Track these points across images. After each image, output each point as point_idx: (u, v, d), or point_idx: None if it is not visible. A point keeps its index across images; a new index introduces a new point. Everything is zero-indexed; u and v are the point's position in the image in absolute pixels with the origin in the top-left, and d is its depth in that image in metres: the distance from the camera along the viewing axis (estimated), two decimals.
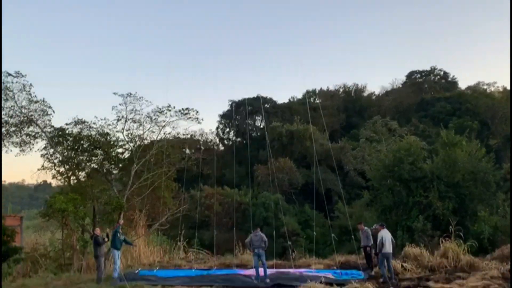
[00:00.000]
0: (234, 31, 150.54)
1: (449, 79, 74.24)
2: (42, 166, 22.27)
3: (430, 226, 27.23)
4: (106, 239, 14.51)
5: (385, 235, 12.90)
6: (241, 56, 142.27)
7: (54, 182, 23.88)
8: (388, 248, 12.50)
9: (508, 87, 65.00)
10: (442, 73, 74.74)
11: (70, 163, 22.29)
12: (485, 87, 67.96)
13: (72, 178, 22.60)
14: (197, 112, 23.97)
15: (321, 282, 10.72)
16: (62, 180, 22.38)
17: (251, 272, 14.09)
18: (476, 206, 28.33)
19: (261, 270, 13.26)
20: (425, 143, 38.98)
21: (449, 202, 28.13)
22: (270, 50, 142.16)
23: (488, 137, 54.17)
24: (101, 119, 23.23)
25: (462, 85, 72.23)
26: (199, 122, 24.12)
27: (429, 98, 64.67)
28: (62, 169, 22.40)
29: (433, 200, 28.33)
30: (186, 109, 23.88)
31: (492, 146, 49.63)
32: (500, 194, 31.41)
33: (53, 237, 23.69)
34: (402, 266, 13.24)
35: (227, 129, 57.95)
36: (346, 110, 63.33)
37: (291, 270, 14.76)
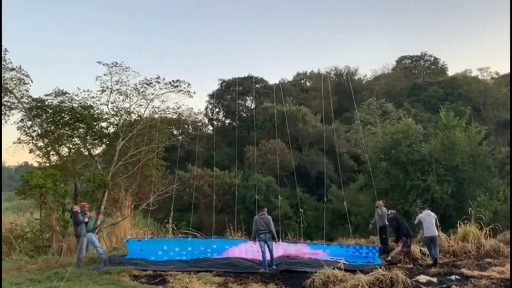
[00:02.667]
0: (225, 11, 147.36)
1: (439, 65, 73.79)
2: (19, 139, 20.43)
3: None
4: (86, 218, 12.78)
5: (425, 217, 12.06)
6: (232, 36, 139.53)
7: (34, 161, 22.06)
8: (431, 231, 11.61)
9: (501, 72, 64.71)
10: (432, 59, 74.19)
11: (49, 137, 20.49)
12: (477, 73, 67.58)
13: (51, 153, 20.80)
14: (189, 84, 22.40)
15: (340, 269, 9.41)
16: (41, 155, 20.55)
17: (255, 256, 12.65)
18: (475, 190, 27.62)
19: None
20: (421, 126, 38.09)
21: (447, 186, 27.36)
22: (261, 31, 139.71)
23: (479, 122, 53.84)
24: (84, 91, 21.55)
25: (451, 71, 71.72)
26: (190, 96, 22.54)
27: (421, 83, 63.93)
28: (40, 144, 20.61)
29: (432, 184, 27.53)
30: (177, 81, 22.28)
31: (484, 131, 49.22)
32: (499, 179, 30.79)
33: (31, 217, 21.99)
34: (421, 251, 12.03)
35: (217, 109, 56.22)
36: (338, 93, 62.08)
37: (300, 254, 13.34)
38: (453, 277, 9.36)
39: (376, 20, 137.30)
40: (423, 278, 9.29)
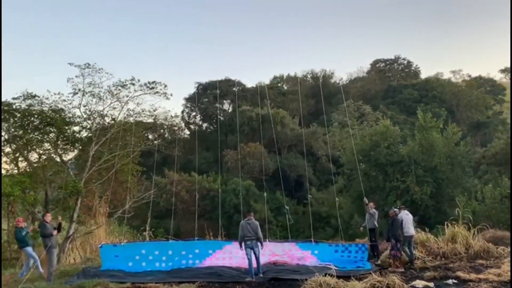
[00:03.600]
0: (202, 14, 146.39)
1: (412, 68, 75.17)
2: None
3: (408, 212, 26.41)
4: (55, 230, 11.78)
5: (405, 217, 12.46)
6: (209, 39, 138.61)
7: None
8: (411, 231, 12.10)
9: (473, 75, 66.33)
10: (406, 62, 75.57)
11: (17, 143, 19.33)
12: (449, 75, 69.15)
13: (20, 159, 19.63)
14: (165, 86, 21.53)
15: (332, 276, 8.89)
16: (8, 162, 19.36)
17: (240, 263, 11.97)
18: (453, 191, 27.82)
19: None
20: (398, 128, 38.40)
21: (427, 186, 27.45)
22: (238, 35, 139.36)
23: (454, 124, 54.96)
24: (55, 94, 20.39)
25: (424, 74, 73.22)
26: (167, 98, 21.68)
27: (396, 85, 64.92)
28: (8, 149, 19.43)
29: (411, 185, 27.55)
30: (153, 82, 21.39)
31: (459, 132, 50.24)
32: (475, 179, 31.19)
33: None
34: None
35: (193, 113, 55.27)
36: (314, 96, 62.28)
37: (288, 257, 12.79)
38: (450, 281, 9.03)
39: (350, 25, 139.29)
40: (419, 283, 8.92)
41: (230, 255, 12.93)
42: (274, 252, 13.29)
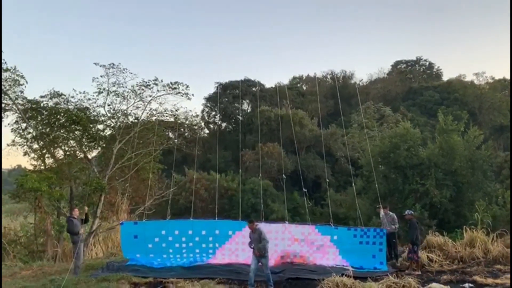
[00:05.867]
0: (221, 15, 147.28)
1: (434, 70, 74.04)
2: (13, 141, 19.94)
3: (427, 215, 26.25)
4: (82, 223, 12.21)
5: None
6: (228, 39, 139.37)
7: (28, 164, 21.56)
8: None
9: (496, 77, 64.97)
10: (427, 63, 74.45)
11: (44, 140, 20.02)
12: (472, 77, 67.82)
13: (47, 156, 20.32)
14: (187, 86, 21.93)
15: (348, 276, 9.08)
16: (36, 158, 20.07)
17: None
18: (473, 195, 27.48)
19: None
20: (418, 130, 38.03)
21: (446, 190, 27.20)
22: (257, 35, 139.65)
23: (475, 127, 53.98)
24: (80, 93, 21.04)
25: (446, 76, 72.02)
26: (189, 98, 22.07)
27: (417, 87, 64.08)
28: (35, 146, 20.14)
29: (430, 188, 27.33)
30: (175, 83, 21.81)
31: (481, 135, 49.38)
32: (497, 183, 30.69)
33: (25, 221, 21.48)
34: (427, 257, 11.77)
35: (213, 113, 55.80)
36: (334, 97, 62.08)
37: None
38: (466, 285, 9.11)
39: (371, 25, 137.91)
40: (435, 286, 9.01)
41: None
42: (294, 235, 13.32)
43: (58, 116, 20.19)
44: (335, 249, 13.15)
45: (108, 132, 21.84)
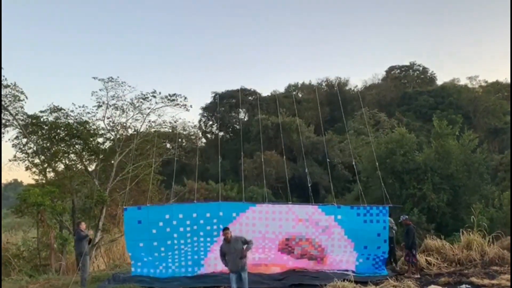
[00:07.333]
0: (217, 25, 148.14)
1: (428, 75, 74.83)
2: (14, 156, 20.17)
3: (425, 219, 26.51)
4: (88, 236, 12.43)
5: None
6: (223, 49, 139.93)
7: (26, 178, 21.82)
8: None
9: (490, 80, 65.76)
10: (421, 68, 75.24)
11: (45, 154, 20.27)
12: (466, 81, 68.58)
13: (48, 170, 20.55)
14: (185, 98, 22.28)
15: (350, 281, 9.37)
16: (37, 172, 20.29)
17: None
18: (470, 198, 27.82)
19: None
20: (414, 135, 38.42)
21: (443, 194, 27.50)
22: (252, 44, 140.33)
23: (470, 130, 54.57)
24: (80, 106, 21.34)
25: (440, 81, 72.82)
26: (187, 109, 22.42)
27: (412, 92, 64.71)
28: (36, 161, 20.36)
29: (427, 192, 27.61)
30: (173, 95, 22.17)
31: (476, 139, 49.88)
32: (493, 186, 31.06)
33: (26, 236, 21.59)
34: (426, 260, 12.07)
35: (210, 122, 56.23)
36: (329, 104, 62.60)
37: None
38: (463, 286, 9.40)
39: (364, 31, 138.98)
40: None
41: (253, 221, 13.10)
42: (298, 215, 13.27)
43: (58, 130, 20.46)
44: (340, 229, 13.11)
45: (107, 145, 22.09)
